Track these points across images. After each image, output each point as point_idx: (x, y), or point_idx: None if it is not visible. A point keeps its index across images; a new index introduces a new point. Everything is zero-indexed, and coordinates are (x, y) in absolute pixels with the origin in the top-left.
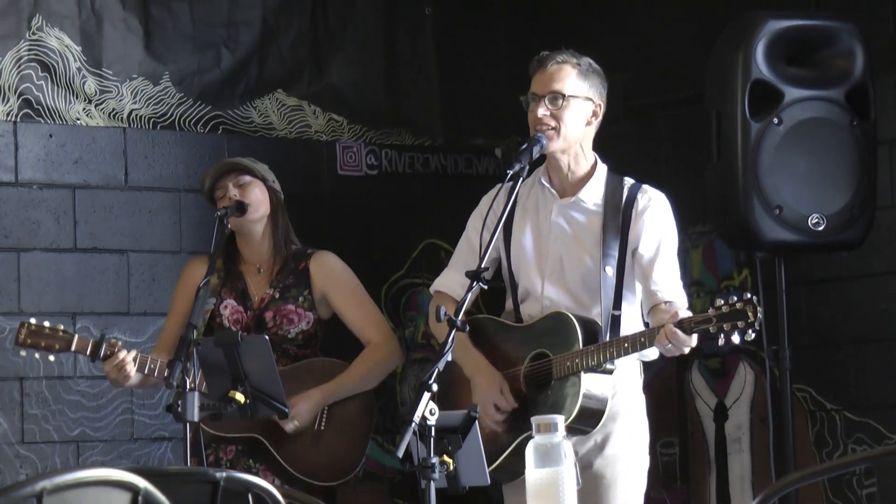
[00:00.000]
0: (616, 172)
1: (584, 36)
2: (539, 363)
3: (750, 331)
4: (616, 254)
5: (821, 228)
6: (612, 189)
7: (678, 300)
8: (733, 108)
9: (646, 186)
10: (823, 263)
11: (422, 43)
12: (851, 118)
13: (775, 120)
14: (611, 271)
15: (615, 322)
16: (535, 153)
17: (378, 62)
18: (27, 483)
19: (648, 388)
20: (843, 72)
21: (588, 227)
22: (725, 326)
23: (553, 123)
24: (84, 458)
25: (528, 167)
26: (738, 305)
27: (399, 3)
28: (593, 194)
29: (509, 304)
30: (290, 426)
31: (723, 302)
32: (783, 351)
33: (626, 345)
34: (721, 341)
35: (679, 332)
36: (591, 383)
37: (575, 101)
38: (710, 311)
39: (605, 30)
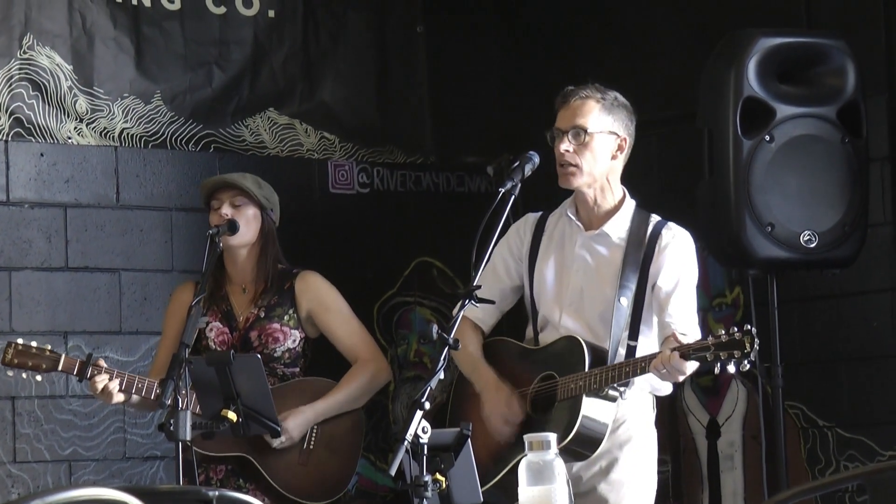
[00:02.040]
0: (644, 208)
1: (576, 54)
2: (545, 384)
3: (745, 361)
4: (634, 286)
5: (813, 246)
6: (638, 224)
7: (690, 333)
8: (725, 126)
9: (671, 224)
10: (815, 281)
11: (413, 61)
12: (843, 135)
13: (767, 137)
14: (626, 302)
15: (631, 353)
16: (527, 171)
17: (370, 81)
18: (19, 502)
19: None
20: (835, 89)
21: (610, 261)
22: (722, 355)
23: (575, 160)
24: (76, 478)
25: (519, 185)
26: (737, 336)
27: (390, 22)
28: (619, 228)
29: (529, 331)
30: (276, 442)
31: (722, 332)
32: (775, 368)
33: (626, 369)
34: (717, 370)
35: (676, 356)
36: (592, 407)
37: (599, 136)
38: (710, 339)
39: (597, 48)
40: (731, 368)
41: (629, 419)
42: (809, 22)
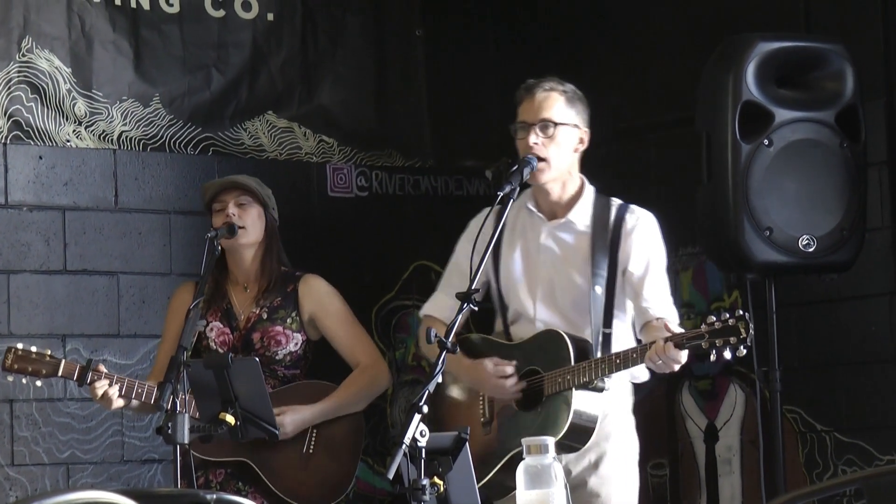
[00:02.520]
0: (603, 194)
1: (574, 58)
2: (530, 380)
3: (741, 347)
4: (605, 273)
5: (811, 250)
6: (600, 210)
7: (669, 316)
8: (723, 130)
9: (633, 207)
10: (814, 285)
11: (412, 65)
12: (842, 140)
13: (765, 141)
14: (600, 290)
15: (606, 340)
16: (526, 175)
17: (368, 84)
18: None
19: (639, 409)
20: (834, 93)
21: (577, 248)
22: (717, 342)
23: (544, 154)
24: (74, 481)
25: (518, 188)
26: (731, 322)
27: (389, 25)
28: (582, 215)
29: (499, 325)
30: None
31: (715, 318)
32: (773, 372)
33: (617, 361)
34: (713, 357)
35: (671, 346)
36: (581, 400)
37: (564, 129)
38: (703, 327)
39: (595, 52)
40: (727, 354)
41: (612, 410)
42: (808, 26)
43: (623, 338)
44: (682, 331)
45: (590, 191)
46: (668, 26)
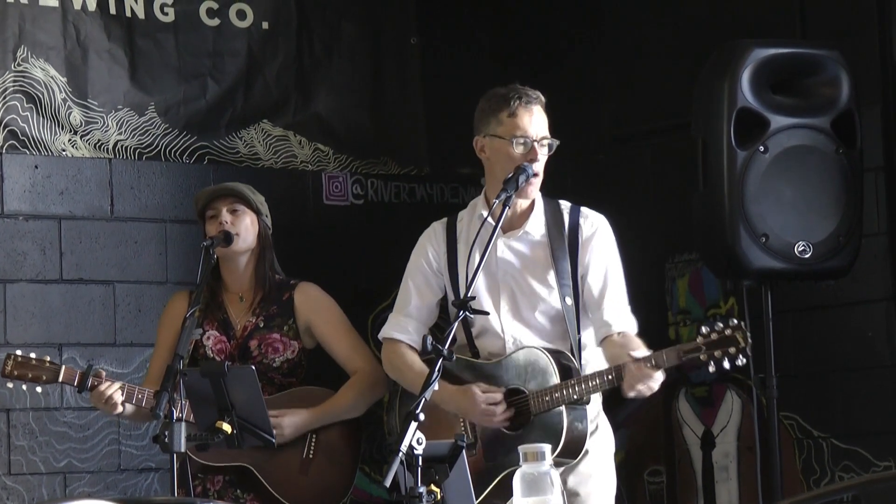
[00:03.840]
0: (548, 196)
1: (570, 66)
2: (514, 399)
3: (741, 356)
4: (570, 283)
5: (807, 256)
6: (552, 215)
7: (629, 328)
8: (719, 137)
9: (585, 210)
10: (810, 291)
11: (407, 72)
12: (837, 146)
13: (761, 148)
14: (570, 301)
15: (577, 346)
16: (521, 182)
17: (364, 92)
18: None
19: (636, 416)
20: (829, 100)
21: (536, 259)
22: (716, 353)
23: (540, 169)
24: (71, 490)
25: (513, 196)
26: (727, 332)
27: (385, 33)
28: (538, 224)
29: (461, 338)
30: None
31: (709, 329)
32: (770, 379)
33: (596, 381)
34: (711, 368)
35: (644, 369)
36: (572, 417)
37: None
38: (699, 339)
39: (591, 59)
40: (727, 365)
41: (590, 411)
42: (803, 32)
43: (591, 342)
44: (650, 353)
45: (540, 198)
46: (663, 33)
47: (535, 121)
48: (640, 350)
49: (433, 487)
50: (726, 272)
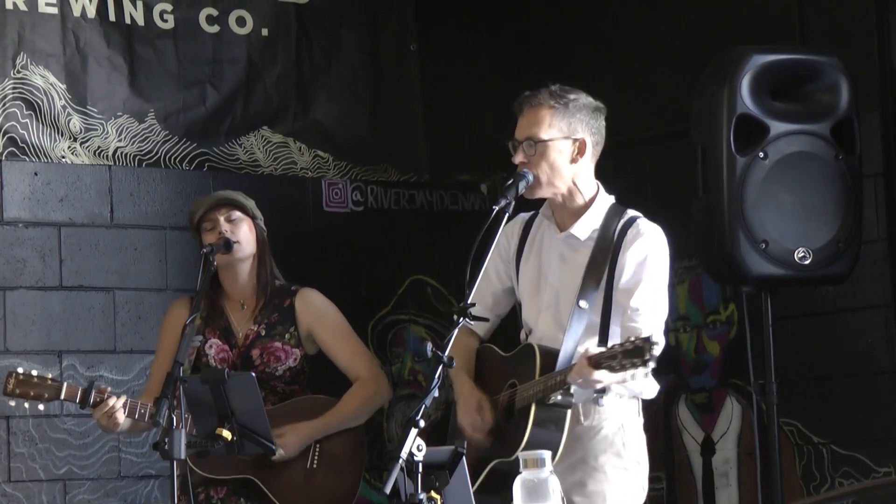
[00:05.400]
0: (621, 204)
1: (569, 71)
2: (510, 392)
3: (642, 369)
4: (599, 288)
5: (807, 262)
6: (608, 221)
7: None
8: (719, 143)
9: (640, 220)
10: (810, 297)
11: (407, 79)
12: (837, 152)
13: (761, 154)
14: (586, 305)
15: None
16: (521, 189)
17: (363, 99)
18: None
19: None
20: (829, 106)
21: (574, 260)
22: (626, 363)
23: (534, 170)
24: (71, 497)
25: (513, 203)
26: (639, 343)
27: (384, 40)
28: (586, 228)
29: (522, 335)
30: (274, 455)
31: (628, 338)
32: (770, 385)
33: (558, 378)
34: (630, 377)
35: (586, 366)
36: (540, 417)
37: (553, 144)
38: (616, 346)
39: (590, 65)
40: (630, 376)
41: (607, 426)
42: (802, 39)
43: None
44: (602, 350)
45: (603, 202)
46: (662, 39)
47: (521, 123)
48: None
49: (433, 494)
50: (726, 278)
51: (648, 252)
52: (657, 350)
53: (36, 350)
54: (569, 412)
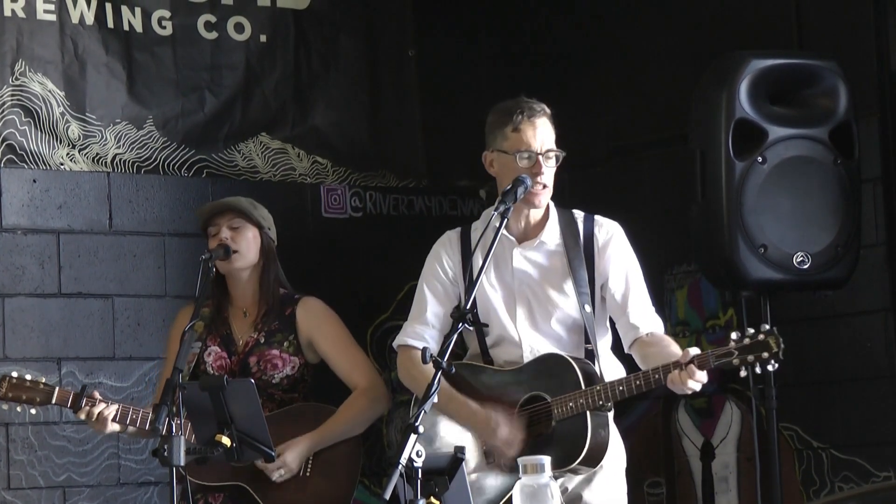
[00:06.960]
0: (562, 206)
1: (568, 77)
2: (535, 406)
3: (773, 361)
4: (588, 291)
5: (806, 267)
6: (566, 225)
7: (657, 329)
8: (717, 148)
9: (599, 219)
10: (808, 302)
11: (405, 85)
12: (835, 157)
13: (759, 159)
14: (589, 309)
15: (589, 356)
16: (520, 194)
17: (362, 105)
18: None
19: (635, 428)
20: (827, 110)
21: (553, 268)
22: (749, 358)
23: (550, 181)
24: None
25: (512, 208)
26: (760, 337)
27: (382, 46)
28: (553, 234)
29: (474, 348)
30: (276, 475)
31: (740, 334)
32: (769, 390)
33: (637, 382)
34: (742, 373)
35: (693, 369)
36: (596, 423)
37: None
38: (731, 344)
39: (589, 71)
40: (758, 369)
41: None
42: (801, 43)
43: (606, 354)
44: (699, 351)
45: (553, 208)
46: (661, 45)
47: (538, 134)
48: (675, 347)
49: (433, 500)
50: (725, 283)
51: (623, 249)
52: (782, 341)
53: (35, 357)
54: (611, 414)
